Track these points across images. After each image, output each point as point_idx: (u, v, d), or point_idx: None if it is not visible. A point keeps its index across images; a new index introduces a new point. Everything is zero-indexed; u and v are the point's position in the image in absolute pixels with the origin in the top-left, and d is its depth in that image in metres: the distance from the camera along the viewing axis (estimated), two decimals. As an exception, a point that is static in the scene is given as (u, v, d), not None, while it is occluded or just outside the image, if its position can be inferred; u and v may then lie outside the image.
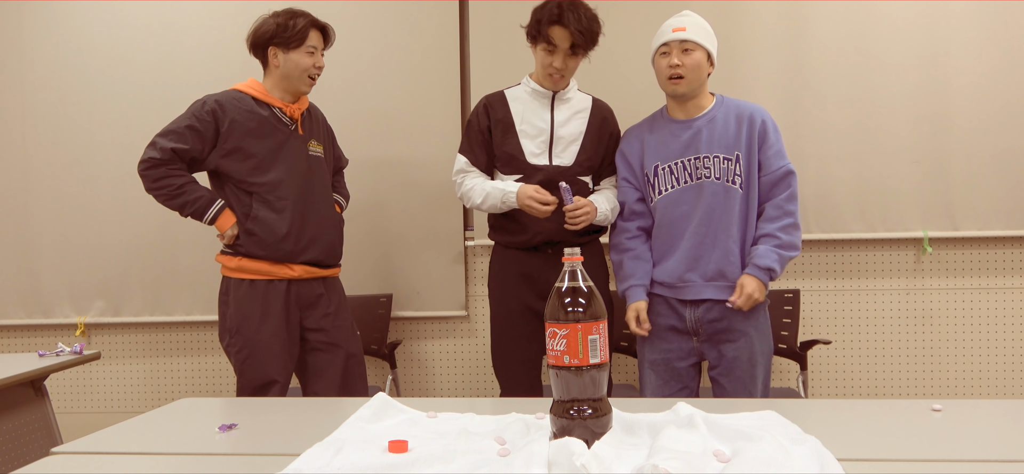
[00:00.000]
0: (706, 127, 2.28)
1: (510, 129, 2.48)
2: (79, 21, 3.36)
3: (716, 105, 2.32)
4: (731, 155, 2.25)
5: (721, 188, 2.25)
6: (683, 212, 2.28)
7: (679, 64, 2.24)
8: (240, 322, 2.49)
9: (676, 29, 2.26)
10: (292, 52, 2.49)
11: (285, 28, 2.50)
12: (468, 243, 3.30)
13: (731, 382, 2.26)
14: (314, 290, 2.57)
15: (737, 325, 2.26)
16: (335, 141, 2.80)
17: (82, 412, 3.52)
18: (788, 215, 2.24)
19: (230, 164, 2.48)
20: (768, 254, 2.21)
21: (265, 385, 2.48)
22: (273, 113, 2.53)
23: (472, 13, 3.24)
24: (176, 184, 2.44)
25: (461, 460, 1.16)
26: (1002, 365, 3.14)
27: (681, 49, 2.25)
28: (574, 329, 1.15)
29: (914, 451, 1.22)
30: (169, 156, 2.42)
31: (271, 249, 2.48)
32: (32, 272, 3.41)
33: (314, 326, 2.56)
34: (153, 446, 1.37)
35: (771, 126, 2.28)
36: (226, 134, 2.46)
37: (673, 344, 2.32)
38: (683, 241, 2.28)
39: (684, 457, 1.09)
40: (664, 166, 2.31)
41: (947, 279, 3.16)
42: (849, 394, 3.22)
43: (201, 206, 2.45)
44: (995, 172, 3.04)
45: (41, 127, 3.39)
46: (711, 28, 2.31)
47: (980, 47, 3.04)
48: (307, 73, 2.51)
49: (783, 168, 2.25)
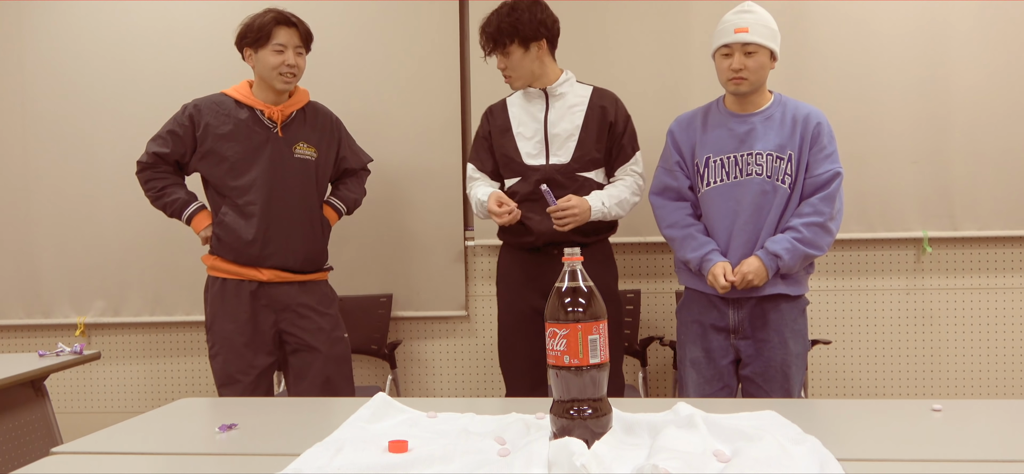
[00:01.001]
0: (762, 124, 2.26)
1: (507, 132, 2.49)
2: (79, 21, 3.36)
3: (774, 104, 2.29)
4: (784, 155, 2.23)
5: (769, 186, 2.23)
6: (729, 207, 2.26)
7: (741, 68, 2.20)
8: (211, 319, 2.56)
9: (738, 30, 2.19)
10: (260, 51, 2.50)
11: (251, 27, 2.51)
12: (468, 243, 3.30)
13: (767, 382, 2.26)
14: (288, 293, 2.55)
15: (775, 327, 2.25)
16: (345, 142, 2.74)
17: (82, 412, 3.52)
18: (818, 214, 2.20)
19: (206, 167, 2.54)
20: (782, 241, 2.19)
21: (226, 383, 2.51)
22: (254, 114, 2.53)
23: (472, 13, 3.24)
24: (159, 186, 2.56)
25: (461, 460, 1.16)
26: (1002, 365, 3.14)
27: (743, 51, 2.20)
28: (574, 329, 1.15)
29: (914, 451, 1.22)
30: (153, 160, 2.54)
31: (237, 253, 2.51)
32: (32, 272, 3.40)
33: (291, 328, 2.56)
34: (153, 446, 1.37)
35: (825, 129, 2.25)
36: (201, 137, 2.52)
37: (715, 342, 2.31)
38: (727, 238, 2.27)
39: (684, 457, 1.09)
40: (716, 159, 2.28)
41: (947, 279, 3.16)
42: (849, 394, 3.22)
43: (178, 207, 2.56)
44: (995, 172, 3.04)
45: (41, 127, 3.39)
46: (773, 20, 2.25)
47: (980, 47, 3.03)
48: (277, 71, 2.48)
49: (830, 172, 2.22)
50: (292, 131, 2.56)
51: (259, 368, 2.53)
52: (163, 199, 2.56)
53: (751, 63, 2.20)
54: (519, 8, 2.41)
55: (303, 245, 2.56)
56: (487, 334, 3.32)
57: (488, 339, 3.33)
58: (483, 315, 3.32)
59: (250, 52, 2.53)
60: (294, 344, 2.57)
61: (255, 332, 2.52)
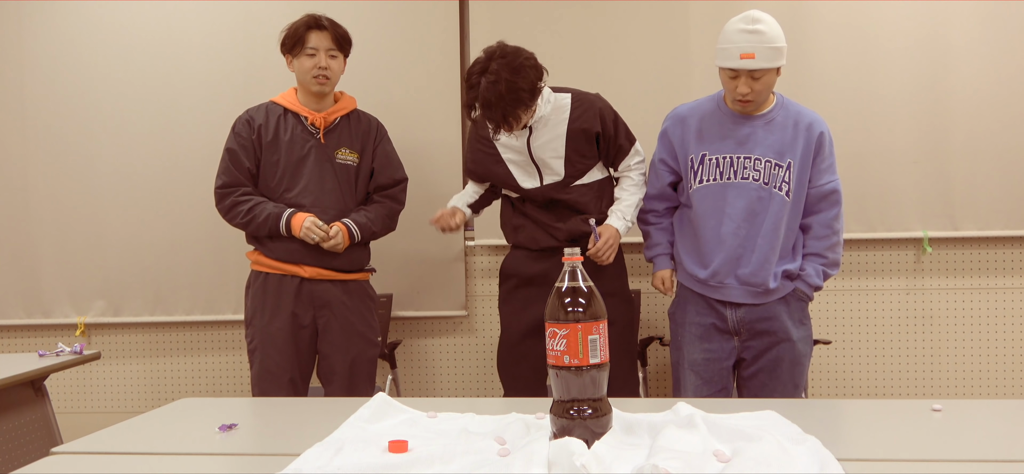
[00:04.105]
0: (763, 128, 2.23)
1: (499, 161, 2.50)
2: (79, 21, 3.36)
3: (776, 107, 2.26)
4: (783, 162, 2.21)
5: (766, 193, 2.22)
6: (717, 207, 2.25)
7: (748, 91, 2.14)
8: (252, 314, 2.58)
9: (744, 55, 2.09)
10: (297, 58, 2.55)
11: (287, 33, 2.55)
12: (468, 243, 3.30)
13: (773, 381, 2.26)
14: (329, 291, 2.58)
15: (780, 326, 2.25)
16: (380, 150, 2.69)
17: (82, 412, 3.52)
18: (835, 233, 2.27)
19: (262, 175, 2.57)
20: (816, 275, 2.27)
21: (271, 378, 2.51)
22: (300, 122, 2.57)
23: (472, 13, 3.24)
24: (245, 209, 2.53)
25: (461, 460, 1.16)
26: (1002, 365, 3.14)
27: (750, 76, 2.13)
28: (574, 329, 1.15)
29: (914, 451, 1.22)
30: (226, 190, 2.54)
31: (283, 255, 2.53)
32: (32, 272, 3.40)
33: (327, 326, 2.58)
34: (153, 446, 1.37)
35: (828, 139, 2.24)
36: (257, 141, 2.55)
37: (715, 344, 2.30)
38: (722, 240, 2.25)
39: (684, 457, 1.09)
40: (712, 158, 2.26)
41: (947, 279, 3.16)
42: (849, 394, 3.22)
43: (272, 222, 2.50)
44: (995, 172, 3.04)
45: (41, 127, 3.38)
46: (779, 29, 2.15)
47: (980, 47, 3.03)
48: (311, 75, 2.52)
49: (831, 184, 2.24)
50: (334, 137, 2.59)
51: (300, 364, 2.56)
52: (255, 221, 2.51)
53: (759, 86, 2.15)
54: (518, 86, 2.23)
55: (344, 254, 2.57)
56: (487, 334, 3.32)
57: (488, 339, 3.33)
58: (483, 315, 3.32)
59: (289, 59, 2.58)
60: (329, 341, 2.59)
61: (296, 327, 2.54)
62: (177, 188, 3.29)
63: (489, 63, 2.25)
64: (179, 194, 3.29)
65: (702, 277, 2.28)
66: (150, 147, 3.30)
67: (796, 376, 2.26)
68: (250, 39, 3.24)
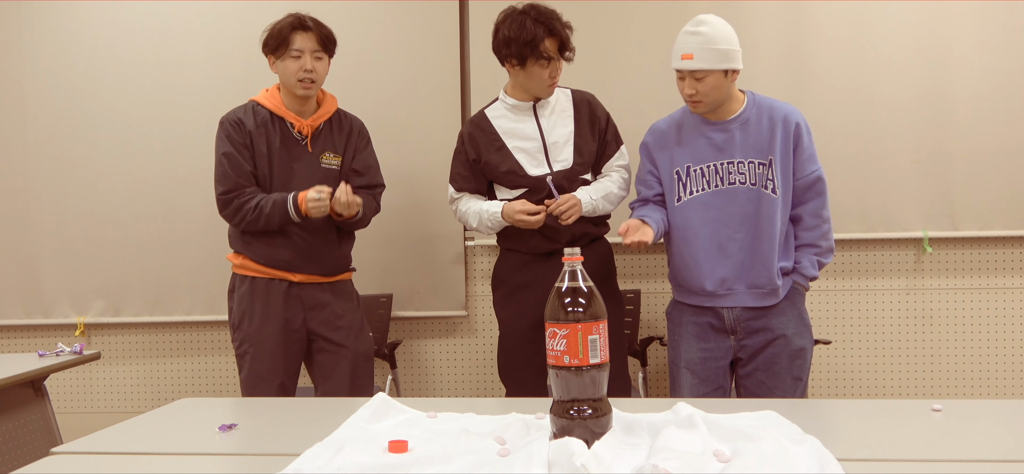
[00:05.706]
0: (739, 130, 2.23)
1: (503, 148, 2.48)
2: (79, 21, 3.36)
3: (748, 106, 2.26)
4: (765, 160, 2.22)
5: (755, 194, 2.22)
6: (713, 216, 2.25)
7: (693, 92, 2.17)
8: (240, 318, 2.52)
9: (684, 55, 2.14)
10: (280, 59, 2.46)
11: (270, 33, 2.46)
12: (468, 243, 3.30)
13: (771, 378, 2.26)
14: (318, 294, 2.56)
15: (776, 322, 2.25)
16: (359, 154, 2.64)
17: (82, 412, 3.52)
18: (825, 222, 2.27)
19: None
20: (812, 266, 2.27)
21: (260, 381, 2.49)
22: (286, 127, 2.51)
23: (472, 13, 3.24)
24: (251, 207, 2.44)
25: (461, 460, 1.16)
26: (1002, 365, 3.14)
27: (693, 76, 2.16)
28: (574, 329, 1.15)
29: (914, 451, 1.22)
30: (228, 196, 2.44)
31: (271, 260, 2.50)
32: (32, 272, 3.40)
33: (320, 328, 2.56)
34: (153, 446, 1.37)
35: (805, 129, 2.25)
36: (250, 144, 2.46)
37: (712, 343, 2.30)
38: (723, 249, 2.25)
39: (684, 457, 1.09)
40: (696, 168, 2.26)
41: (947, 279, 3.16)
42: (849, 394, 3.22)
43: (280, 211, 2.41)
44: (995, 172, 3.04)
45: (41, 127, 3.38)
46: (725, 32, 2.16)
47: (980, 47, 3.03)
48: (296, 78, 2.43)
49: (815, 173, 2.24)
50: (320, 143, 2.54)
51: (289, 366, 2.53)
52: (263, 215, 2.42)
53: (703, 86, 2.15)
54: (558, 17, 2.40)
55: (331, 255, 2.56)
56: (487, 334, 3.32)
57: (488, 339, 3.33)
58: (483, 315, 3.32)
59: (272, 59, 2.49)
60: (323, 343, 2.57)
61: (287, 330, 2.51)
62: (177, 188, 3.29)
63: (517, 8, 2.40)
64: (179, 194, 3.29)
65: (709, 289, 2.27)
66: (150, 147, 3.30)
67: (796, 369, 2.25)
68: (250, 39, 3.19)
